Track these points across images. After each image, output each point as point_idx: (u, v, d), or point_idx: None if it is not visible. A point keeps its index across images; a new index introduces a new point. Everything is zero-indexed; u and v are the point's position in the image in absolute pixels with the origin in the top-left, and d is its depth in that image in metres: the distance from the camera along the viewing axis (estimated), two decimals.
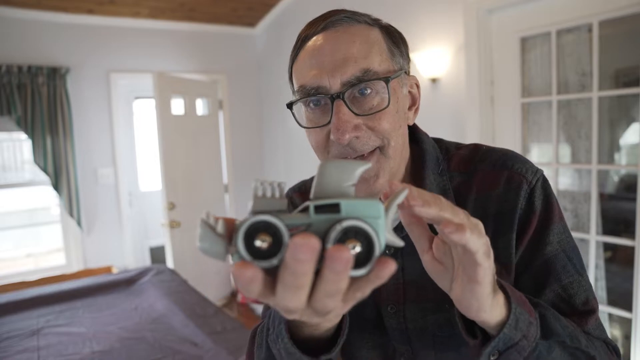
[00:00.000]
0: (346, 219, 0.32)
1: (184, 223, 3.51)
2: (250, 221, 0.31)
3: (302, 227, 0.32)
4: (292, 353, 0.48)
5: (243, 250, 0.31)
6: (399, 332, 0.64)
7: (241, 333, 1.91)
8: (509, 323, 0.45)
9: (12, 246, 4.82)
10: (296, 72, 0.61)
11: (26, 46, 3.19)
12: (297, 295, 0.31)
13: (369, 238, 0.32)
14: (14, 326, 2.08)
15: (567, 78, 1.89)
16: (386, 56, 0.58)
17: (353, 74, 0.55)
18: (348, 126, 0.55)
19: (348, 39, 0.57)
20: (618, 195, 1.91)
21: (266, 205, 0.33)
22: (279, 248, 0.31)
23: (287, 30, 3.62)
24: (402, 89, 0.61)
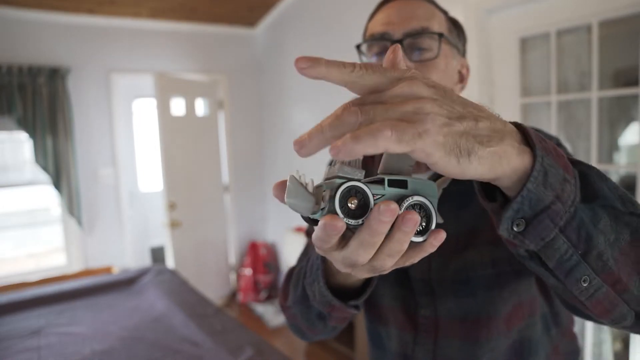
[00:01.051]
0: (414, 195, 0.38)
1: (185, 223, 3.51)
2: (347, 185, 0.36)
3: (379, 196, 0.37)
4: (325, 296, 0.56)
5: (339, 209, 0.36)
6: (422, 283, 0.69)
7: (241, 333, 1.91)
8: (534, 175, 0.34)
9: (12, 246, 4.82)
10: (370, 26, 0.73)
11: (26, 46, 3.19)
12: (368, 252, 0.36)
13: (429, 213, 0.38)
14: (14, 326, 2.08)
15: (567, 78, 1.89)
16: (445, 27, 0.70)
17: (414, 27, 0.66)
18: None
19: (417, 6, 0.69)
20: None
21: (349, 173, 0.37)
22: (364, 211, 0.36)
23: (287, 30, 3.62)
24: (452, 60, 0.71)
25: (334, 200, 0.36)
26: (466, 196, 0.68)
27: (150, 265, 2.88)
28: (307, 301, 0.63)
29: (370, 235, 0.34)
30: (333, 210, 0.35)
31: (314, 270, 0.59)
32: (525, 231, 0.36)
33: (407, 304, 0.72)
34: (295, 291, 0.67)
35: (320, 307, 0.60)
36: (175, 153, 3.47)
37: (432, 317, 0.69)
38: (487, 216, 0.65)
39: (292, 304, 0.68)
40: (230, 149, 4.08)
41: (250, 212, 4.25)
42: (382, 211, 0.33)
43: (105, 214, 3.57)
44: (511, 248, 0.40)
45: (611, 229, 0.38)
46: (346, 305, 0.57)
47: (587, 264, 0.37)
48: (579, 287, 0.38)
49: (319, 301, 0.58)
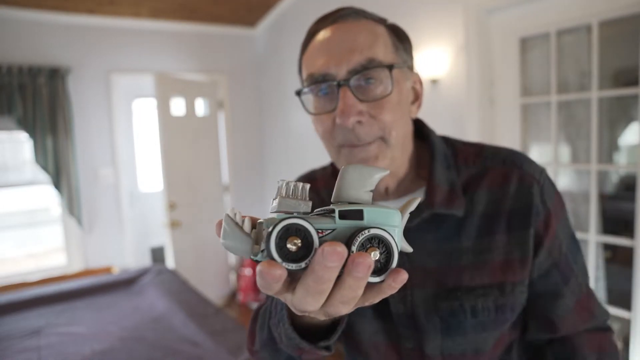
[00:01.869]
0: (370, 228, 0.33)
1: (185, 223, 3.51)
2: (283, 224, 0.31)
3: (328, 232, 0.33)
4: (292, 338, 0.50)
5: (275, 253, 0.31)
6: (405, 318, 0.65)
7: (241, 333, 1.91)
8: None
9: (12, 246, 4.82)
10: (305, 62, 0.64)
11: (26, 46, 3.19)
12: (317, 300, 0.33)
13: (388, 246, 0.33)
14: (15, 326, 2.08)
15: (567, 78, 1.89)
16: (391, 49, 0.61)
17: (358, 62, 0.58)
18: (352, 110, 0.57)
19: (355, 31, 0.60)
20: (618, 195, 1.91)
21: (292, 206, 0.33)
22: (308, 252, 0.32)
23: (287, 30, 3.62)
24: (405, 82, 0.64)
25: (270, 241, 0.31)
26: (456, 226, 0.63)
27: (150, 266, 2.88)
28: (274, 344, 0.58)
29: (315, 282, 0.31)
30: (269, 252, 0.31)
31: (278, 310, 0.53)
32: None
33: (388, 337, 0.67)
34: (261, 333, 0.62)
35: (288, 350, 0.54)
36: (175, 153, 3.47)
37: (417, 349, 0.65)
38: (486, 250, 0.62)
39: (259, 348, 0.63)
40: (230, 149, 4.08)
41: (250, 212, 4.25)
42: (327, 255, 0.29)
43: (105, 213, 3.57)
44: None
45: None
46: (316, 347, 0.51)
47: None
48: None
49: (287, 344, 0.53)
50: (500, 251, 0.62)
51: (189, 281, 2.82)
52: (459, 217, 0.63)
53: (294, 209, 0.33)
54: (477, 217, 0.63)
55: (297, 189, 0.34)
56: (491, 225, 0.63)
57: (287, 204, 0.33)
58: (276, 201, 0.33)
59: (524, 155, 0.67)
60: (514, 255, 0.62)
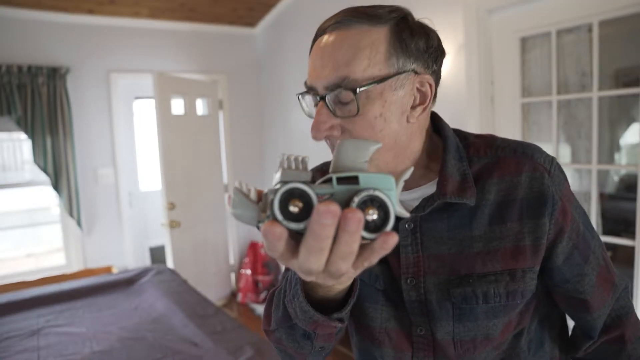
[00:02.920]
0: (365, 189, 0.35)
1: (184, 223, 3.51)
2: (286, 187, 0.34)
3: (327, 196, 0.36)
4: (307, 311, 0.53)
5: (278, 213, 0.34)
6: (417, 304, 0.67)
7: (241, 333, 1.91)
8: None
9: (12, 246, 4.82)
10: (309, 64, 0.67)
11: (26, 46, 3.19)
12: (318, 257, 0.35)
13: (384, 206, 0.36)
14: (14, 326, 2.08)
15: (567, 78, 1.89)
16: (379, 59, 0.58)
17: (331, 80, 0.59)
18: (322, 126, 0.60)
19: (338, 44, 0.59)
20: (618, 195, 1.91)
21: (293, 176, 0.36)
22: (308, 213, 0.34)
23: (287, 30, 3.62)
24: (395, 92, 0.60)
25: (274, 204, 0.34)
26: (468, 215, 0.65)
27: (150, 265, 2.88)
28: (289, 321, 0.60)
29: (315, 240, 0.33)
30: (273, 214, 0.34)
31: (292, 286, 0.56)
32: None
33: (400, 324, 0.69)
34: (277, 312, 0.64)
35: (303, 325, 0.57)
36: (175, 153, 3.47)
37: (428, 335, 0.67)
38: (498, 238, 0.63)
39: (275, 327, 0.65)
40: (230, 149, 4.08)
41: None
42: (322, 213, 0.31)
43: (104, 214, 3.57)
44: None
45: None
46: (330, 319, 0.54)
47: None
48: None
49: (301, 318, 0.55)
50: (512, 239, 0.63)
51: (189, 281, 2.82)
52: (470, 206, 0.64)
53: (296, 178, 0.35)
54: (489, 205, 0.64)
55: (297, 160, 0.36)
56: (503, 213, 0.64)
57: (289, 174, 0.35)
58: (279, 173, 0.36)
59: (535, 145, 0.68)
60: (525, 243, 0.63)
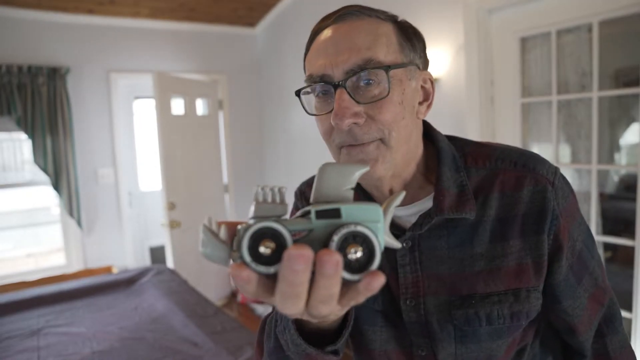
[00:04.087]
0: (347, 224, 0.32)
1: (184, 223, 3.51)
2: (255, 227, 0.31)
3: (305, 232, 0.32)
4: (298, 344, 0.50)
5: (247, 256, 0.31)
6: (418, 326, 0.64)
7: (241, 333, 1.91)
8: None
9: (12, 246, 4.82)
10: (307, 63, 0.64)
11: (26, 46, 3.19)
12: (295, 303, 0.32)
13: (369, 242, 0.32)
14: (14, 326, 2.08)
15: (567, 78, 1.89)
16: (395, 49, 0.59)
17: (355, 62, 0.56)
18: (347, 112, 0.56)
19: (354, 31, 0.58)
20: (618, 195, 1.91)
21: (268, 211, 0.33)
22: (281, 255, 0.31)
23: (287, 30, 3.62)
24: (410, 82, 0.61)
25: (241, 246, 0.31)
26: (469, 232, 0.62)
27: (150, 265, 2.88)
28: (282, 352, 0.58)
29: (288, 287, 0.31)
30: (242, 256, 0.31)
31: (283, 317, 0.54)
32: None
33: (400, 345, 0.66)
34: (268, 343, 0.61)
35: (295, 357, 0.54)
36: (175, 153, 3.47)
37: (430, 356, 0.65)
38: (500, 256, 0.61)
39: (267, 357, 0.63)
40: (230, 149, 4.08)
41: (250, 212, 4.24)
42: (292, 258, 0.29)
43: (104, 213, 3.57)
44: None
45: None
46: (323, 353, 0.51)
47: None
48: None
49: (294, 351, 0.53)
50: (514, 257, 0.61)
51: (189, 281, 2.82)
52: (470, 221, 0.61)
53: (270, 212, 0.33)
54: (490, 221, 0.62)
55: (273, 193, 0.34)
56: (504, 230, 0.61)
57: (262, 209, 0.33)
58: (252, 206, 0.33)
59: (536, 155, 0.65)
60: (527, 261, 0.60)
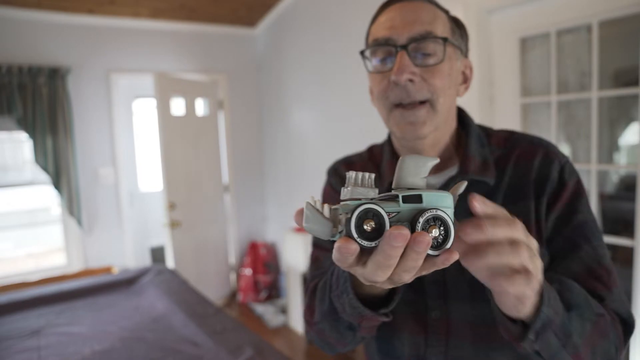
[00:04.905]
0: (429, 209, 0.39)
1: (185, 223, 3.51)
2: (362, 208, 0.37)
3: (395, 214, 0.39)
4: (356, 307, 0.57)
5: (355, 232, 0.37)
6: (436, 286, 0.70)
7: (241, 333, 1.91)
8: (544, 301, 0.47)
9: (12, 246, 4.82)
10: (373, 30, 0.72)
11: (26, 46, 3.19)
12: (385, 272, 0.39)
13: (446, 224, 0.39)
14: (14, 326, 2.08)
15: (567, 78, 1.89)
16: (448, 30, 0.70)
17: (418, 32, 0.66)
18: (406, 69, 0.65)
19: (419, 8, 0.68)
20: (617, 195, 1.91)
21: (362, 194, 0.39)
22: (380, 232, 0.38)
23: (287, 30, 3.62)
24: (457, 61, 0.72)
25: (350, 223, 0.37)
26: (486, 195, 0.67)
27: (150, 265, 2.88)
28: (335, 314, 0.64)
29: (384, 259, 0.38)
30: (350, 232, 0.37)
31: (341, 283, 0.60)
32: (536, 339, 0.50)
33: (417, 308, 0.72)
34: (322, 305, 0.67)
35: (350, 318, 0.61)
36: (175, 153, 3.47)
37: (443, 319, 0.69)
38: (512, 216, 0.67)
39: (319, 319, 0.69)
40: (230, 149, 4.08)
41: (250, 212, 4.25)
42: (394, 237, 0.36)
43: (105, 213, 3.57)
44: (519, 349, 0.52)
45: (580, 324, 0.54)
46: (377, 314, 0.58)
47: (565, 350, 0.53)
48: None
49: (349, 313, 0.59)
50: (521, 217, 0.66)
51: (189, 281, 2.82)
52: (488, 187, 0.70)
53: (364, 195, 0.39)
54: (505, 187, 0.70)
55: (364, 178, 0.39)
56: (516, 194, 0.69)
57: (358, 192, 0.39)
58: (348, 190, 0.39)
59: (552, 143, 0.75)
60: (531, 222, 0.68)
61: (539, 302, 0.47)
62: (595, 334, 0.56)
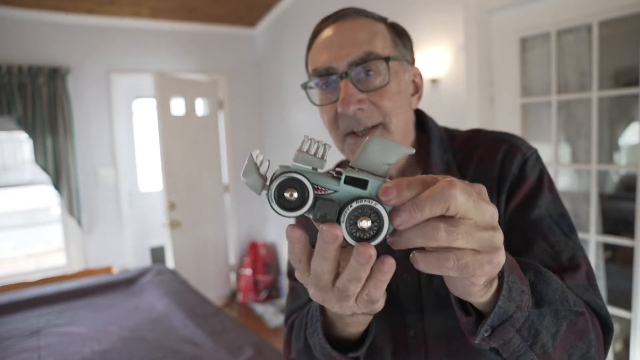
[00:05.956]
0: (368, 198, 0.35)
1: (185, 223, 3.51)
2: (287, 176, 0.36)
3: (330, 191, 0.36)
4: (324, 347, 0.56)
5: (273, 197, 0.36)
6: (413, 300, 0.68)
7: (241, 333, 1.91)
8: (503, 294, 0.41)
9: (12, 246, 4.82)
10: (310, 58, 0.70)
11: (26, 46, 3.19)
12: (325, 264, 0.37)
13: (381, 220, 0.35)
14: (15, 326, 2.08)
15: (567, 78, 1.89)
16: (389, 44, 0.66)
17: (357, 55, 0.63)
18: (352, 99, 0.63)
19: (354, 28, 0.65)
20: (618, 195, 1.91)
21: (307, 161, 0.36)
22: (302, 204, 0.36)
23: (287, 30, 3.62)
24: (404, 74, 0.68)
25: (271, 187, 0.36)
26: None
27: (150, 265, 2.88)
28: (310, 352, 0.63)
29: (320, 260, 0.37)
30: (269, 196, 0.36)
31: (313, 322, 0.59)
32: (491, 335, 0.44)
33: (396, 326, 0.69)
34: (297, 342, 0.67)
35: (321, 358, 0.60)
36: (175, 153, 3.47)
37: (420, 337, 0.67)
38: None
39: (295, 356, 0.68)
40: (230, 149, 4.08)
41: (250, 212, 4.25)
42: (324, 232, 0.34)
43: (105, 214, 3.57)
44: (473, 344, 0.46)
45: (553, 323, 0.47)
46: (345, 357, 0.56)
47: (532, 352, 0.46)
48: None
49: (320, 352, 0.58)
50: None
51: (189, 281, 2.82)
52: None
53: (309, 163, 0.36)
54: None
55: (317, 146, 0.37)
56: None
57: (303, 158, 0.36)
58: (297, 153, 0.37)
59: (517, 135, 0.70)
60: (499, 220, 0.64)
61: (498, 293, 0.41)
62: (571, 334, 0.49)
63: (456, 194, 0.33)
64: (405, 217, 0.33)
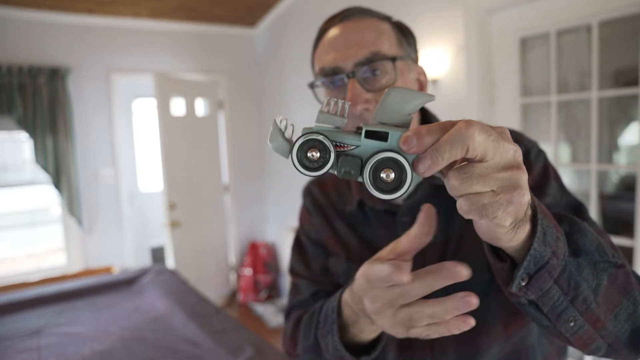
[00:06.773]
0: (387, 151, 0.36)
1: (185, 223, 3.51)
2: (305, 138, 0.36)
3: (352, 147, 0.36)
4: (339, 350, 0.57)
5: (295, 158, 0.37)
6: None
7: (241, 333, 1.91)
8: (537, 236, 0.39)
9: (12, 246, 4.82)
10: (317, 58, 0.70)
11: (26, 46, 3.19)
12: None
13: (403, 170, 0.36)
14: (15, 326, 2.08)
15: (567, 78, 1.89)
16: (395, 43, 0.67)
17: (364, 55, 0.63)
18: (359, 99, 0.63)
19: (360, 28, 0.66)
20: (617, 195, 1.91)
21: (328, 120, 0.37)
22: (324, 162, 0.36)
23: (287, 30, 3.62)
24: (409, 73, 0.69)
25: (292, 152, 0.37)
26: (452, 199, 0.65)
27: (150, 265, 2.88)
28: (319, 351, 0.63)
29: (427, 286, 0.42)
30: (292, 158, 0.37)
31: (328, 323, 0.59)
32: (528, 284, 0.41)
33: None
34: (305, 340, 0.67)
35: (332, 359, 0.60)
36: (175, 153, 3.47)
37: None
38: None
39: (301, 353, 0.68)
40: (230, 149, 4.08)
41: (250, 212, 4.25)
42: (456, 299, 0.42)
43: (105, 214, 3.57)
44: (512, 299, 0.45)
45: (592, 276, 0.45)
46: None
47: (574, 308, 0.44)
48: (566, 326, 0.45)
49: (332, 354, 0.59)
50: None
51: (189, 281, 2.82)
52: None
53: (330, 123, 0.37)
54: None
55: (337, 105, 0.37)
56: None
57: (324, 118, 0.37)
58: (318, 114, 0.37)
59: (518, 130, 0.71)
60: None
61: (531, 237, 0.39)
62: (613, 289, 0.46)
63: (474, 134, 0.32)
64: (427, 164, 0.33)
